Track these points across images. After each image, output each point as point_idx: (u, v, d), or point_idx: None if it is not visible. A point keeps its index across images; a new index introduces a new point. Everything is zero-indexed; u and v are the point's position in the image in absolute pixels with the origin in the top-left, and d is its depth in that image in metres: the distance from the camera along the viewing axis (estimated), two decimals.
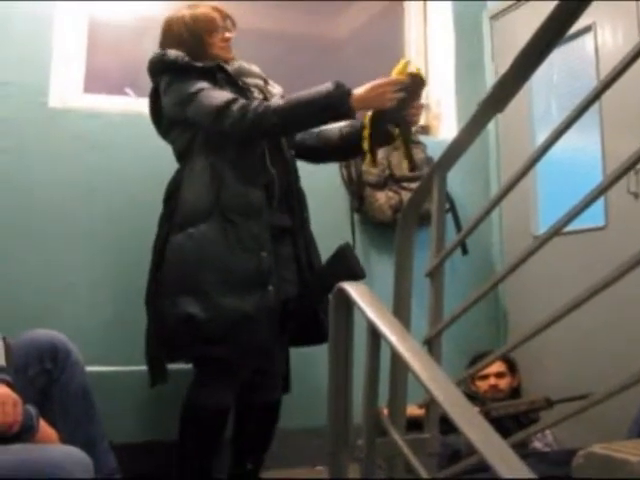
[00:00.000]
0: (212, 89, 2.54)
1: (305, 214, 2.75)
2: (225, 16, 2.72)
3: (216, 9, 2.71)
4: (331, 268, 2.60)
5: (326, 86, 2.43)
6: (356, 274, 2.56)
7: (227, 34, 2.69)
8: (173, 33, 2.68)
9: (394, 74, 2.46)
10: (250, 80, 2.70)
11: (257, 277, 2.46)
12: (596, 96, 1.20)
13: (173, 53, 2.60)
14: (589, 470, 1.19)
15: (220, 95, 2.50)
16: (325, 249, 2.71)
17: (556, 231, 1.27)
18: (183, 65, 2.58)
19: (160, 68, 2.63)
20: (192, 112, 2.53)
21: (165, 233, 2.56)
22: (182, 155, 2.64)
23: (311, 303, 2.62)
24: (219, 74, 2.62)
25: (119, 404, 2.85)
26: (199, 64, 2.59)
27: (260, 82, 2.72)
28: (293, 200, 2.69)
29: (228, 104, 2.45)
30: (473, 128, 1.53)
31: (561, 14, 1.19)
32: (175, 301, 2.43)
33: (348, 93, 2.40)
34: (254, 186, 2.53)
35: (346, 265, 2.59)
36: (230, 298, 2.41)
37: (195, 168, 2.55)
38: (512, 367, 3.35)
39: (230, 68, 2.67)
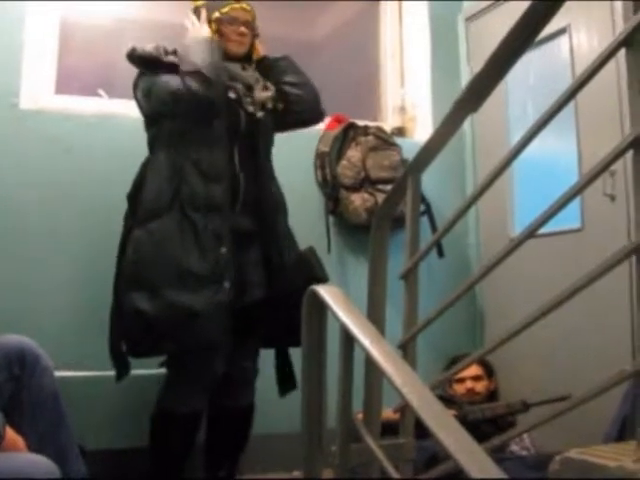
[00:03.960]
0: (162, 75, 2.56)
1: (276, 217, 2.73)
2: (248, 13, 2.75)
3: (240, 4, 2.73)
4: (294, 272, 2.61)
5: None
6: (319, 278, 2.57)
7: (242, 28, 2.70)
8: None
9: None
10: (230, 82, 2.68)
11: (212, 273, 2.45)
12: (569, 97, 1.19)
13: (143, 47, 2.60)
14: (566, 476, 1.18)
15: (171, 79, 2.53)
16: None
17: (532, 232, 1.26)
18: (151, 60, 2.59)
19: (133, 61, 2.63)
20: (154, 101, 2.58)
21: (128, 229, 2.57)
22: (150, 150, 2.65)
23: (276, 307, 2.60)
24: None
25: (94, 410, 2.81)
26: (168, 59, 2.59)
27: (239, 86, 2.70)
28: (263, 203, 2.67)
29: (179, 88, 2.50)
30: (447, 128, 1.52)
31: (534, 13, 1.18)
32: (130, 296, 2.45)
33: None
34: (215, 183, 2.53)
35: (309, 269, 2.60)
36: (180, 294, 2.41)
37: (157, 164, 2.56)
38: (489, 371, 3.34)
39: None
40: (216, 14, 2.67)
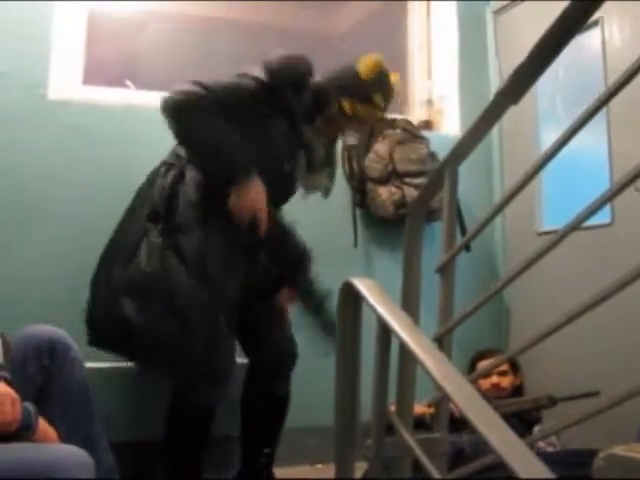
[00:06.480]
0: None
1: None
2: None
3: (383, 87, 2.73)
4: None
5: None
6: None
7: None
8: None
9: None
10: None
11: None
12: (602, 104, 1.17)
13: None
14: (610, 472, 1.16)
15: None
16: (326, 243, 2.71)
17: (574, 228, 1.24)
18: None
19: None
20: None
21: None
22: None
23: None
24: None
25: (117, 401, 2.81)
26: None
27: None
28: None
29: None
30: (487, 120, 1.50)
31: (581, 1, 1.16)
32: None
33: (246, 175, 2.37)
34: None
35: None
36: None
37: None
38: (515, 366, 3.32)
39: None
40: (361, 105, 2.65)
